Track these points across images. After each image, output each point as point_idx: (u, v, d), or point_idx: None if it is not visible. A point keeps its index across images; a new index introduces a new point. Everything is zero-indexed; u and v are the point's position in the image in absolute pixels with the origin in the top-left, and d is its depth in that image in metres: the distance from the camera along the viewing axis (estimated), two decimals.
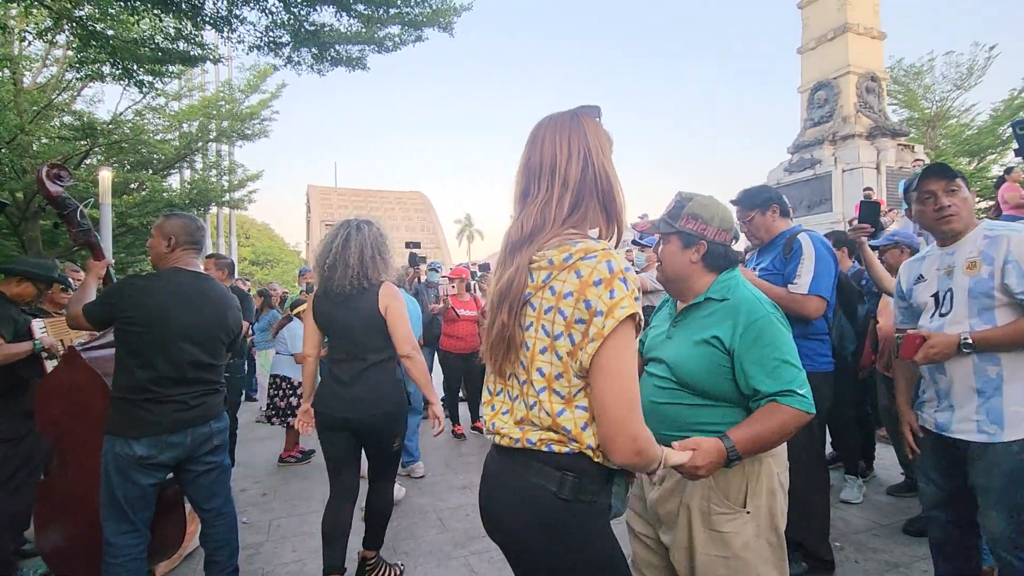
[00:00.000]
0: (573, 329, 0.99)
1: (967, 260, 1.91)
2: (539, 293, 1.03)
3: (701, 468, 1.23)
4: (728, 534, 1.41)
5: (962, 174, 2.00)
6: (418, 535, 3.17)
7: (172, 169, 14.31)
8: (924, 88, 19.88)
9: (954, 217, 1.97)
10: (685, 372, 1.47)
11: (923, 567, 2.65)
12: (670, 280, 1.61)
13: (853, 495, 3.47)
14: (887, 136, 12.05)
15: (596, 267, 0.98)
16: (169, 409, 2.10)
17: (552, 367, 1.02)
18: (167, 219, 2.30)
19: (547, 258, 1.03)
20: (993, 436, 1.81)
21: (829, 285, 2.48)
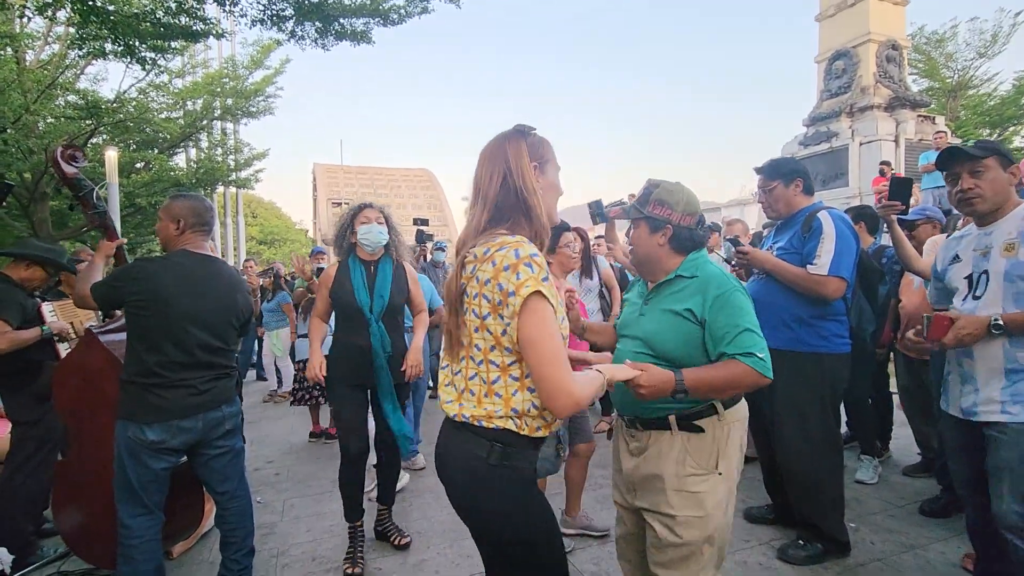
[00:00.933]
0: (497, 309, 1.19)
1: (1005, 241, 1.83)
2: (470, 283, 1.24)
3: (644, 388, 1.37)
4: (701, 494, 1.52)
5: (999, 150, 1.89)
6: (430, 515, 3.19)
7: (178, 148, 14.26)
8: (946, 57, 19.23)
9: (976, 199, 1.91)
10: (660, 344, 1.57)
11: (940, 548, 2.62)
12: (641, 262, 1.72)
13: (868, 475, 3.44)
14: (907, 107, 11.67)
15: (506, 255, 1.18)
16: (180, 394, 2.08)
17: (485, 342, 1.23)
18: (174, 200, 2.25)
19: (472, 253, 1.25)
20: (1015, 416, 1.79)
21: (850, 265, 2.40)
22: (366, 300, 2.65)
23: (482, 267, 1.21)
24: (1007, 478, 1.80)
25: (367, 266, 2.75)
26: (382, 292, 2.69)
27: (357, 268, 2.71)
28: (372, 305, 2.66)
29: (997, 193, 1.87)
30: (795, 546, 2.57)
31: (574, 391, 1.14)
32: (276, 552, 2.84)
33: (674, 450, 1.55)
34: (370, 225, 2.69)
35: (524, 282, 1.15)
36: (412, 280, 2.90)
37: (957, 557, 2.51)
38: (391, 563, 2.68)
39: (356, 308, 2.64)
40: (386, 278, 2.73)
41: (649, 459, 1.59)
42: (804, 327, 2.47)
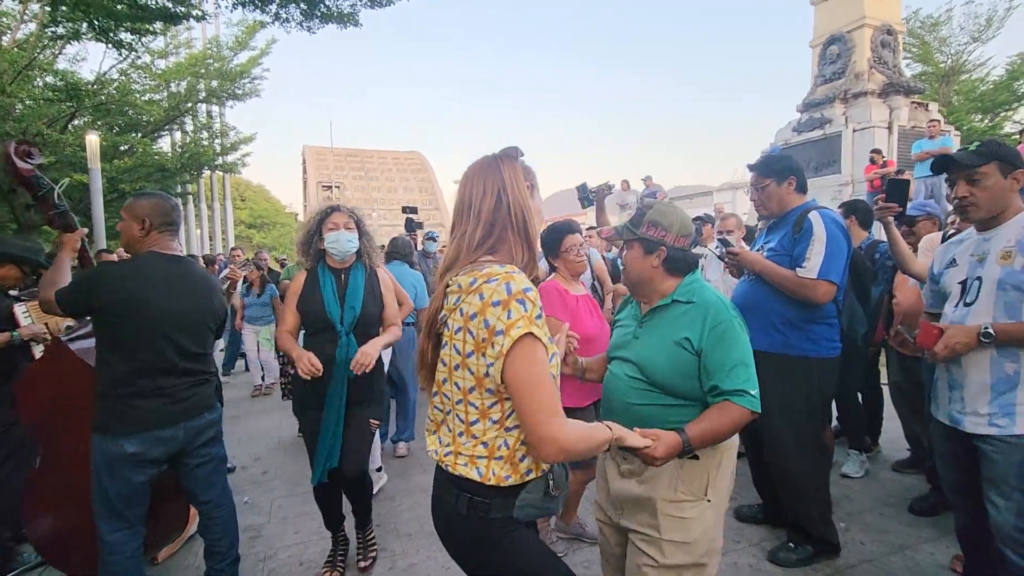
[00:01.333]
0: (481, 347, 1.10)
1: (1003, 249, 1.79)
2: (452, 315, 1.15)
3: (658, 459, 1.35)
4: (689, 520, 1.52)
5: (999, 155, 1.82)
6: (420, 516, 3.16)
7: (162, 132, 13.96)
8: (940, 41, 19.12)
9: (971, 208, 1.88)
10: (655, 372, 1.55)
11: (929, 549, 2.63)
12: (634, 284, 1.68)
13: (854, 469, 3.45)
14: (901, 93, 11.59)
15: (496, 289, 1.08)
16: (158, 403, 2.01)
17: (465, 381, 1.14)
18: (137, 199, 2.10)
19: (457, 282, 1.15)
20: (1004, 429, 1.78)
21: (840, 269, 2.35)
22: (336, 312, 2.43)
23: (468, 299, 1.11)
24: (1002, 492, 1.79)
25: (337, 275, 2.53)
26: (353, 303, 2.47)
27: (327, 277, 2.49)
28: (343, 316, 2.44)
29: (994, 201, 1.82)
30: (785, 548, 2.56)
31: (562, 441, 1.07)
32: (263, 556, 2.80)
33: (665, 475, 1.53)
34: (338, 232, 2.46)
35: (515, 322, 1.06)
36: (387, 289, 2.67)
37: (946, 559, 2.52)
38: (380, 568, 2.65)
39: (326, 321, 2.42)
40: (358, 287, 2.51)
41: (644, 481, 1.57)
42: (793, 330, 2.43)
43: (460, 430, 1.18)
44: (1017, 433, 1.75)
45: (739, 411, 1.45)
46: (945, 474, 2.09)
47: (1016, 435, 1.75)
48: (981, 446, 1.83)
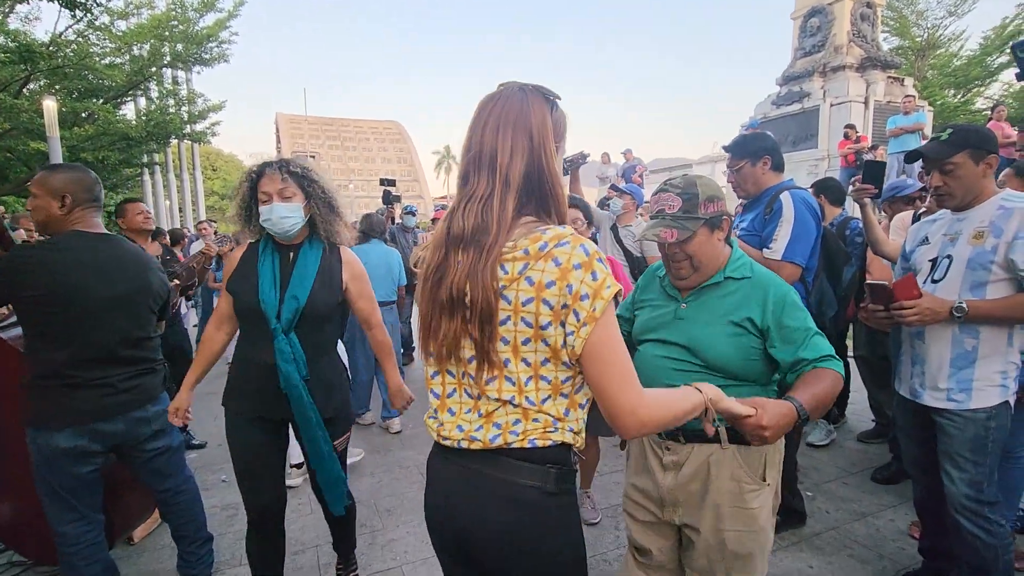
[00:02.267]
0: (561, 315, 0.97)
1: (975, 230, 1.83)
2: (513, 284, 0.98)
3: (768, 429, 1.15)
4: (756, 509, 1.45)
5: (970, 143, 1.83)
6: (400, 491, 3.19)
7: (125, 98, 13.35)
8: (917, 14, 19.21)
9: (945, 198, 1.92)
10: (715, 356, 1.45)
11: (890, 516, 2.76)
12: (705, 265, 1.51)
13: (819, 437, 3.60)
14: (878, 68, 11.67)
15: (573, 252, 0.97)
16: (95, 395, 1.88)
17: (537, 355, 1.00)
18: (52, 173, 1.89)
19: (522, 247, 0.99)
20: (960, 404, 1.85)
21: (806, 251, 2.38)
22: (272, 301, 1.84)
23: (538, 266, 0.97)
24: (956, 463, 1.87)
25: (284, 253, 1.94)
26: (297, 291, 1.87)
27: (269, 255, 1.92)
28: (281, 310, 1.85)
29: (967, 189, 1.85)
30: None
31: (641, 410, 0.96)
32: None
33: (725, 464, 1.46)
34: (271, 205, 1.84)
35: (603, 282, 0.96)
36: (354, 275, 2.06)
37: (905, 525, 2.65)
38: (359, 543, 2.66)
39: (258, 313, 1.84)
40: (308, 271, 1.91)
41: (695, 475, 1.49)
42: None
43: (529, 412, 1.02)
44: (973, 408, 1.83)
45: (833, 374, 1.35)
46: (906, 446, 2.18)
47: (972, 409, 1.83)
48: (939, 420, 1.91)
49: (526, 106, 1.03)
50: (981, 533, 1.85)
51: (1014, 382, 1.86)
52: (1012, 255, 1.73)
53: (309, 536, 2.74)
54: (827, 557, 2.44)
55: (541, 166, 1.03)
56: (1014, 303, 1.75)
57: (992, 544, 1.85)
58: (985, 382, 1.82)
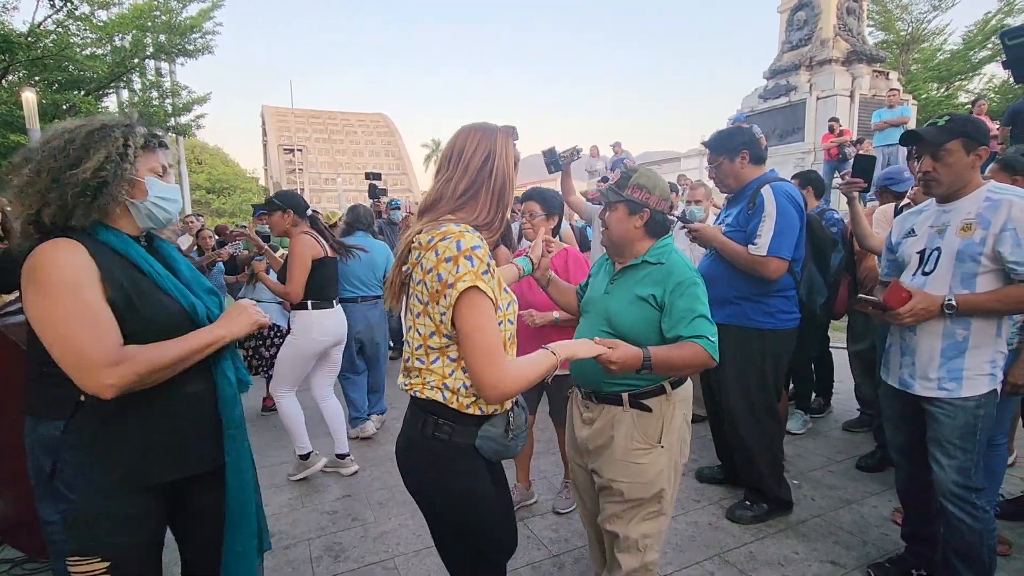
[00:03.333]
0: (435, 297, 1.21)
1: (963, 221, 1.85)
2: (415, 269, 1.26)
3: (615, 363, 1.46)
4: (644, 464, 1.69)
5: (965, 132, 1.84)
6: (391, 484, 3.19)
7: (108, 89, 13.08)
8: (902, 8, 19.37)
9: (933, 184, 1.93)
10: (622, 324, 1.69)
11: (873, 503, 2.81)
12: (614, 243, 1.79)
13: (796, 426, 3.69)
14: (863, 62, 11.78)
15: (448, 246, 1.19)
16: None
17: (426, 328, 1.26)
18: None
19: (418, 240, 1.26)
20: (951, 392, 1.88)
21: (790, 245, 2.42)
22: (201, 306, 1.34)
23: (426, 255, 1.22)
24: (946, 451, 1.90)
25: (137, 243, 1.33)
26: (206, 285, 1.44)
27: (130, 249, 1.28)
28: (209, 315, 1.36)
29: (956, 178, 1.87)
30: (742, 506, 2.70)
31: (501, 384, 1.19)
32: None
33: (623, 425, 1.71)
34: (169, 185, 1.36)
35: (462, 275, 1.17)
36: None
37: (888, 511, 2.70)
38: (351, 536, 2.68)
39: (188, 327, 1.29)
40: (181, 258, 1.44)
41: (601, 431, 1.75)
42: (749, 304, 2.51)
43: (423, 367, 1.29)
44: (963, 396, 1.86)
45: (698, 349, 1.58)
46: (892, 435, 2.21)
47: (962, 398, 1.86)
48: (929, 408, 1.94)
49: (491, 128, 1.34)
50: (967, 518, 1.89)
51: (1001, 370, 1.90)
52: (999, 247, 1.75)
53: (300, 530, 2.74)
54: (812, 543, 2.49)
55: (498, 166, 1.30)
56: (1003, 295, 1.78)
57: (977, 529, 1.89)
58: (975, 371, 1.85)
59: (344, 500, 3.03)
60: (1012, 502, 2.65)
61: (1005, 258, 1.75)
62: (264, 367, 4.54)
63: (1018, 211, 1.74)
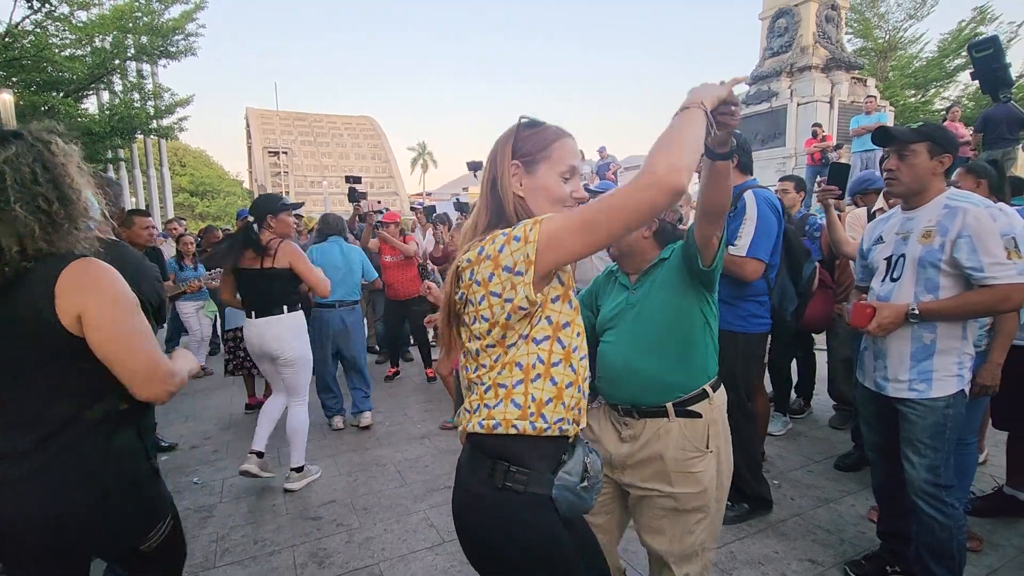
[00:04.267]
0: (513, 279, 1.05)
1: (924, 228, 1.92)
2: (470, 289, 1.12)
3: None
4: (699, 472, 1.64)
5: (933, 137, 1.92)
6: (376, 489, 3.19)
7: (88, 91, 12.89)
8: (879, 17, 19.81)
9: (893, 182, 2.00)
10: (662, 314, 1.65)
11: (851, 502, 2.87)
12: (624, 254, 1.76)
13: (776, 428, 3.75)
14: (842, 69, 12.02)
15: (495, 239, 1.09)
16: None
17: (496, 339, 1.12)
18: None
19: (466, 259, 1.13)
20: (922, 393, 1.94)
21: (768, 248, 2.48)
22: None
23: (480, 267, 1.09)
24: (917, 449, 1.97)
25: None
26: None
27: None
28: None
29: (915, 180, 1.94)
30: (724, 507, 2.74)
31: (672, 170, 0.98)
32: (216, 537, 2.77)
33: (672, 435, 1.65)
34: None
35: (524, 227, 1.05)
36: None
37: (865, 510, 2.77)
38: (336, 542, 2.67)
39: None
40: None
41: (647, 444, 1.67)
42: (725, 306, 2.55)
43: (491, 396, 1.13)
44: (933, 396, 1.92)
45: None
46: (868, 435, 2.27)
47: (932, 398, 1.92)
48: (901, 409, 2.00)
49: (499, 138, 1.23)
50: (938, 515, 1.95)
51: (968, 371, 1.97)
52: (956, 254, 1.82)
53: (284, 536, 2.73)
54: (791, 542, 2.54)
55: (501, 186, 1.19)
56: (963, 302, 1.85)
57: (948, 525, 1.95)
58: (944, 372, 1.92)
59: (329, 506, 3.02)
60: (983, 499, 2.72)
61: (962, 264, 1.82)
62: (240, 368, 4.54)
63: (971, 219, 1.81)
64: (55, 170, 1.19)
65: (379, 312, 6.11)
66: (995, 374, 2.24)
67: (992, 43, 1.84)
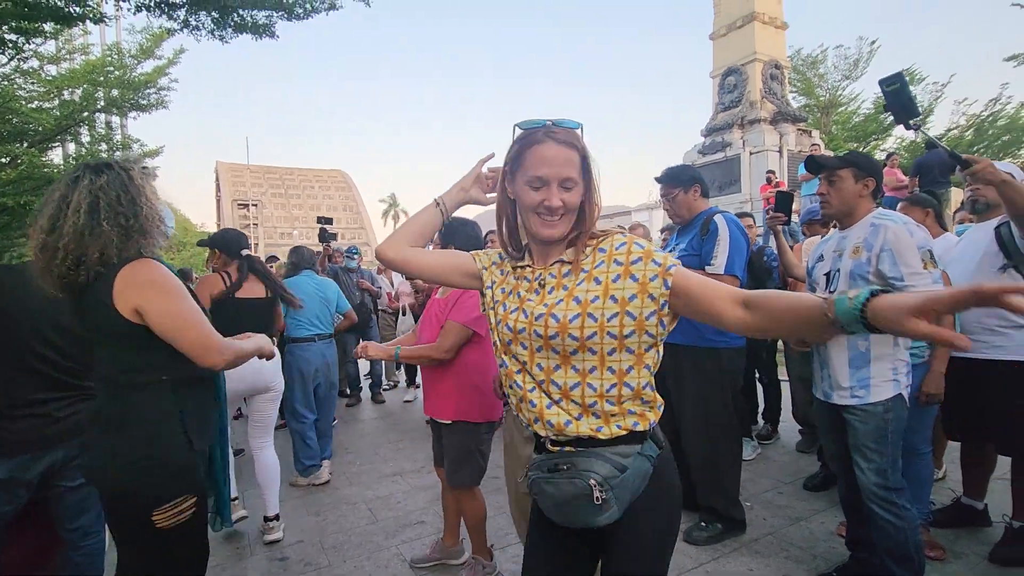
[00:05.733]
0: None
1: (854, 245, 2.11)
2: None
3: None
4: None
5: (856, 163, 2.14)
6: (347, 527, 3.09)
7: (53, 142, 12.75)
8: (819, 77, 21.42)
9: (825, 204, 2.21)
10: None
11: (820, 519, 2.92)
12: None
13: (747, 453, 3.79)
14: (788, 121, 12.90)
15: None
16: (32, 424, 1.80)
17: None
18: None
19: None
20: (862, 399, 2.07)
21: (742, 265, 2.64)
22: None
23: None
24: (863, 454, 2.07)
25: None
26: None
27: None
28: None
29: (843, 202, 2.15)
30: (698, 528, 2.76)
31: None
32: None
33: None
34: None
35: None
36: None
37: (834, 526, 2.82)
38: None
39: None
40: None
41: None
42: (704, 323, 2.68)
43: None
44: (872, 402, 2.05)
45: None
46: (827, 445, 2.37)
47: (871, 403, 2.05)
48: (846, 416, 2.12)
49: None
50: (891, 518, 2.03)
51: (905, 377, 2.09)
52: (880, 266, 2.01)
53: None
54: (766, 560, 2.56)
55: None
56: None
57: (901, 527, 2.02)
58: (880, 378, 2.05)
59: (297, 546, 2.91)
60: (943, 511, 2.82)
61: (886, 275, 1.99)
62: None
63: (891, 234, 2.00)
64: (135, 193, 1.51)
65: (350, 353, 6.04)
66: (939, 383, 2.39)
67: (898, 78, 2.06)
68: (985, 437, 2.59)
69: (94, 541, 2.05)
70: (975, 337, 2.42)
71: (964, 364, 2.43)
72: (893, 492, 2.03)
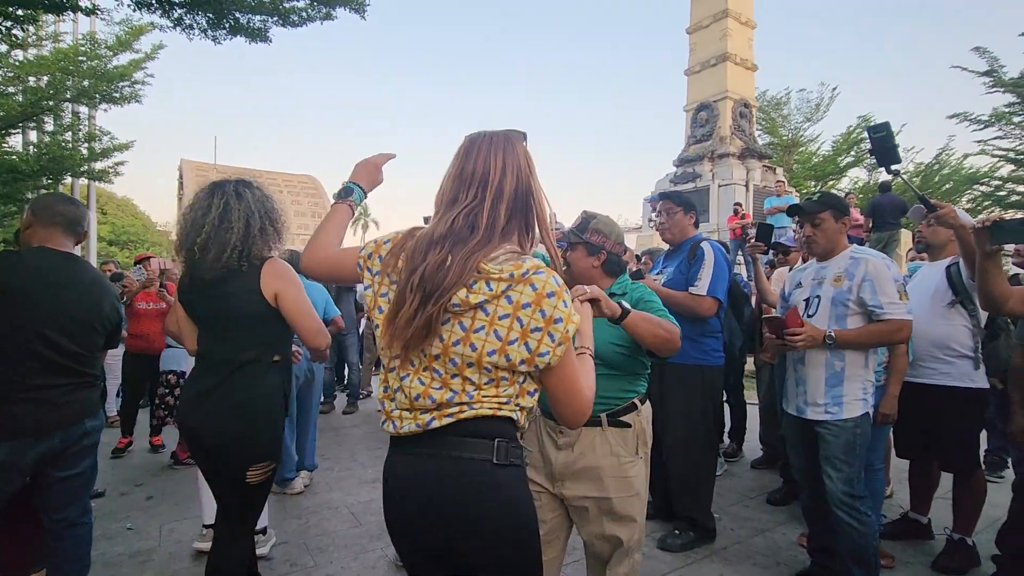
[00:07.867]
0: (529, 336, 1.06)
1: (835, 275, 2.35)
2: (495, 301, 1.07)
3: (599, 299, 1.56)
4: (632, 477, 1.82)
5: (832, 204, 2.40)
6: (330, 530, 3.12)
7: (14, 129, 12.27)
8: (783, 118, 22.63)
9: (813, 245, 2.45)
10: (600, 347, 1.71)
11: (783, 531, 3.14)
12: (575, 279, 1.91)
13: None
14: (755, 157, 13.60)
15: (547, 281, 1.08)
16: (32, 409, 1.85)
17: (498, 366, 1.08)
18: (39, 197, 2.21)
19: (507, 272, 1.07)
20: (835, 415, 2.28)
21: (724, 288, 2.86)
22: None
23: (519, 288, 1.07)
24: (834, 465, 2.28)
25: None
26: None
27: None
28: None
29: (830, 240, 2.41)
30: (672, 536, 2.92)
31: (588, 405, 1.16)
32: None
33: (606, 444, 1.82)
34: None
35: (571, 313, 1.09)
36: None
37: (795, 536, 3.03)
38: None
39: None
40: None
41: (583, 453, 1.81)
42: (688, 343, 2.87)
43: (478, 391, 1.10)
44: (844, 418, 2.27)
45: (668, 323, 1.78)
46: (794, 458, 2.58)
47: (844, 419, 2.27)
48: (819, 430, 2.33)
49: (509, 139, 1.19)
50: (855, 523, 2.24)
51: (872, 397, 2.33)
52: (862, 294, 2.25)
53: None
54: (734, 566, 2.74)
55: (526, 187, 1.17)
56: (868, 331, 2.25)
57: (864, 531, 2.24)
58: (851, 396, 2.28)
59: (280, 547, 2.92)
60: (892, 524, 3.07)
61: (866, 303, 2.24)
62: (171, 415, 4.27)
63: (872, 267, 2.27)
64: (270, 206, 1.95)
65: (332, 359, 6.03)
66: (893, 404, 2.64)
67: (885, 127, 2.33)
68: (931, 456, 2.85)
69: (81, 531, 2.06)
70: (924, 364, 2.69)
71: (915, 388, 2.69)
72: (858, 500, 2.25)
